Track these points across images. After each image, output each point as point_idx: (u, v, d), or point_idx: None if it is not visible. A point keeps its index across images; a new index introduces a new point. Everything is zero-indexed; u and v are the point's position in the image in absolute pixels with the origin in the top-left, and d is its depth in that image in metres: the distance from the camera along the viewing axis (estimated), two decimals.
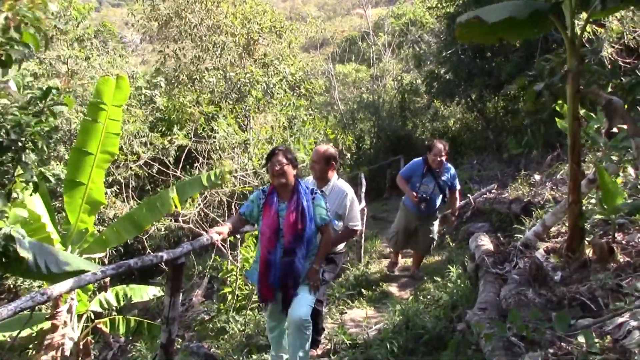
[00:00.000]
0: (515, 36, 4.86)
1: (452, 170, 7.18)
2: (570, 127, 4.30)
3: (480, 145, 16.30)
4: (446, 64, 14.94)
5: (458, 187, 7.25)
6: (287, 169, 4.15)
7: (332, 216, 4.80)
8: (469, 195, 10.57)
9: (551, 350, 2.99)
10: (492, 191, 10.19)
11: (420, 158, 7.14)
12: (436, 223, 7.41)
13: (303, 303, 4.15)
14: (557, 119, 6.06)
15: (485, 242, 5.80)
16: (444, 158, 6.93)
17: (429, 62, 17.38)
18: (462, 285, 5.41)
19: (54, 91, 4.17)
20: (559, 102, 5.25)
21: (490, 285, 4.49)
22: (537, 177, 9.06)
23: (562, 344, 3.05)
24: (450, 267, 6.25)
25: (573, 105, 4.23)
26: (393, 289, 7.35)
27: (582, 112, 4.85)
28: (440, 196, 7.11)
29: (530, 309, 3.54)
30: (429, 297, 5.90)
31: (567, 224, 4.84)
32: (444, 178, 7.03)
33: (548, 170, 8.87)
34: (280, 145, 4.24)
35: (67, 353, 5.24)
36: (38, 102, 4.14)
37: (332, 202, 4.77)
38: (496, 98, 15.40)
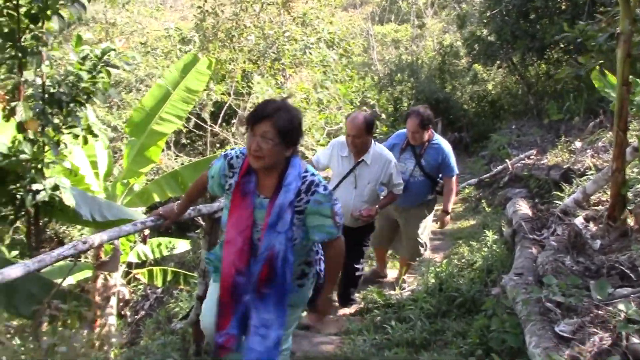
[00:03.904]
0: None
1: (446, 150, 5.27)
2: (618, 92, 4.17)
3: (520, 109, 16.02)
4: (489, 24, 14.61)
5: (453, 173, 5.36)
6: (272, 150, 2.56)
7: (376, 186, 4.60)
8: (506, 160, 10.47)
9: (588, 318, 2.98)
10: (531, 157, 10.05)
11: None
12: (426, 221, 5.58)
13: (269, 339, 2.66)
14: (598, 85, 5.89)
15: (523, 208, 5.75)
16: (424, 134, 5.18)
17: (469, 23, 17.01)
18: (498, 249, 5.38)
19: (112, 53, 4.28)
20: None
21: (527, 251, 4.46)
22: (578, 144, 8.85)
23: (599, 312, 3.03)
24: (486, 232, 6.21)
25: (623, 70, 4.10)
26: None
27: None
28: (428, 184, 5.35)
29: (568, 276, 3.52)
30: (463, 260, 5.91)
31: (608, 192, 4.76)
32: (428, 158, 5.25)
33: (589, 137, 8.66)
34: (281, 101, 2.67)
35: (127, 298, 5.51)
36: (94, 59, 4.25)
37: (376, 172, 4.53)
38: (539, 62, 15.05)
